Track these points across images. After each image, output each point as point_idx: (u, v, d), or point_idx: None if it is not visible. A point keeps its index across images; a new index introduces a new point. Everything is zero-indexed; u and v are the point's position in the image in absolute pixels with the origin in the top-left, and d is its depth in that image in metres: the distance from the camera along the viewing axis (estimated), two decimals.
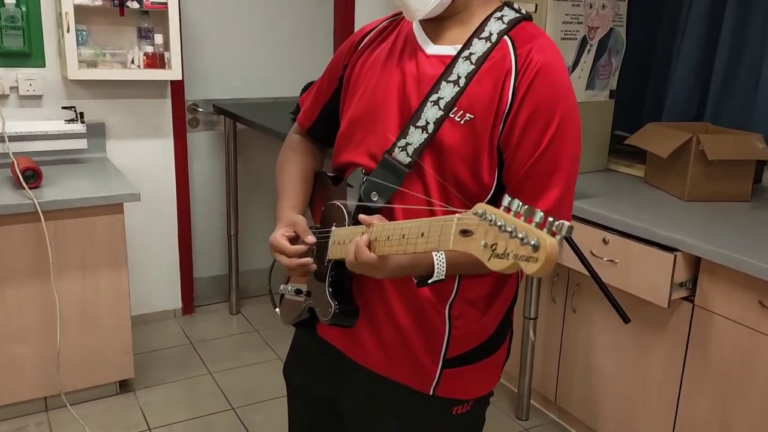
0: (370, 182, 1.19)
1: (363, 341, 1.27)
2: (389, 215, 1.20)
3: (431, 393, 1.26)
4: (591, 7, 2.56)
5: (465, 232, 0.80)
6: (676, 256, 2.00)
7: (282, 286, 1.38)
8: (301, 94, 3.05)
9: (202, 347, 3.16)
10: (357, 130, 1.27)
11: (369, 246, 1.03)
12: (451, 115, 1.14)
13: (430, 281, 1.05)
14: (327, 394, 1.38)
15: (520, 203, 0.76)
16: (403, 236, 0.93)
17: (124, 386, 2.77)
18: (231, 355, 3.10)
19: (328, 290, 1.21)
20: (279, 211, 1.36)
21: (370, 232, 1.04)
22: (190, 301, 3.46)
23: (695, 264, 2.03)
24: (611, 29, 2.64)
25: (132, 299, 2.72)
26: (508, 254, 0.72)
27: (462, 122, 1.14)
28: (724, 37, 2.59)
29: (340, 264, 1.20)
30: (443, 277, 1.07)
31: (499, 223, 0.74)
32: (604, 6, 2.60)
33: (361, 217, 1.07)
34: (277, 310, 1.48)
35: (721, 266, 1.92)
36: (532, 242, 0.69)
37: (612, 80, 2.70)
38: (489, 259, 0.74)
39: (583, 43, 2.56)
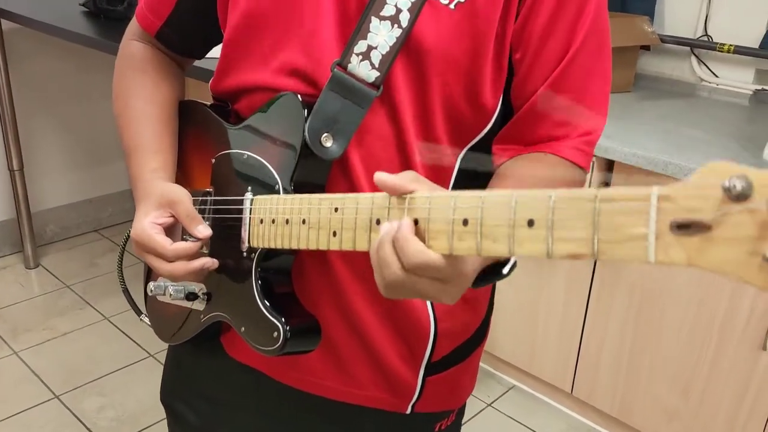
0: (316, 116, 0.72)
1: (306, 359, 0.84)
2: (344, 173, 0.76)
3: (409, 411, 0.88)
4: None
5: (687, 227, 0.39)
6: (593, 162, 1.76)
7: (151, 285, 0.85)
8: None
9: None
10: (262, 30, 0.78)
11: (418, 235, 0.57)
12: None
13: (507, 269, 0.64)
14: None
15: None
16: (530, 223, 0.48)
17: None
18: (38, 324, 2.44)
19: (263, 303, 0.74)
20: (138, 177, 0.83)
21: (409, 204, 0.57)
22: None
23: (607, 167, 1.82)
24: None
25: None
26: None
27: (452, 5, 0.72)
28: None
29: (270, 254, 0.76)
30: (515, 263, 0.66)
31: None
32: None
33: (382, 177, 0.59)
34: (145, 318, 0.97)
35: (637, 169, 1.71)
36: None
37: None
38: None
39: None
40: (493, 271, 0.64)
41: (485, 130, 0.78)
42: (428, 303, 0.82)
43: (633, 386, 1.88)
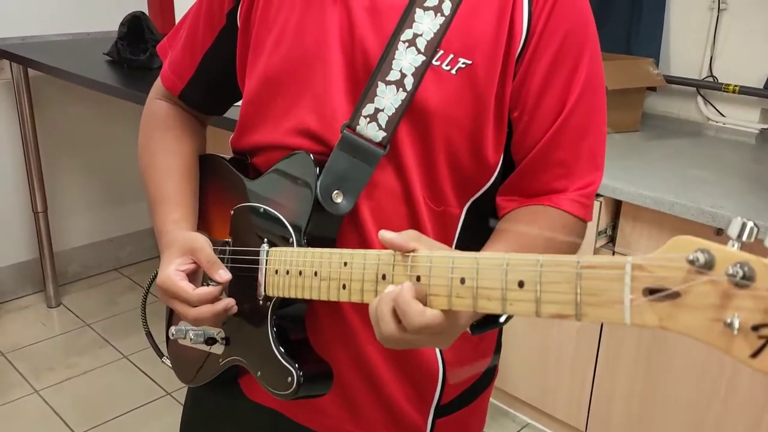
0: (327, 174, 0.77)
1: (320, 401, 0.88)
2: (355, 226, 0.80)
3: None
4: None
5: (657, 292, 0.43)
6: (601, 202, 1.80)
7: (173, 329, 0.91)
8: (119, 30, 2.42)
9: (17, 357, 2.51)
10: (276, 94, 0.83)
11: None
12: (437, 62, 0.77)
13: (503, 319, 0.68)
14: None
15: None
16: (521, 284, 0.52)
17: None
18: (59, 363, 2.49)
19: (278, 349, 0.78)
20: (161, 228, 0.89)
21: (411, 262, 0.62)
22: None
23: (615, 208, 1.85)
24: None
25: None
26: None
27: (454, 71, 0.77)
28: None
29: (285, 302, 0.80)
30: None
31: None
32: None
33: (385, 236, 0.64)
34: (166, 361, 1.01)
35: (645, 209, 1.74)
36: None
37: None
38: (757, 355, 0.39)
39: None
40: (492, 319, 0.69)
41: (488, 184, 0.82)
42: (437, 349, 0.86)
43: (647, 424, 1.89)
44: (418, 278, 0.61)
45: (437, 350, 0.86)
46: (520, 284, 0.52)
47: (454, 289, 0.58)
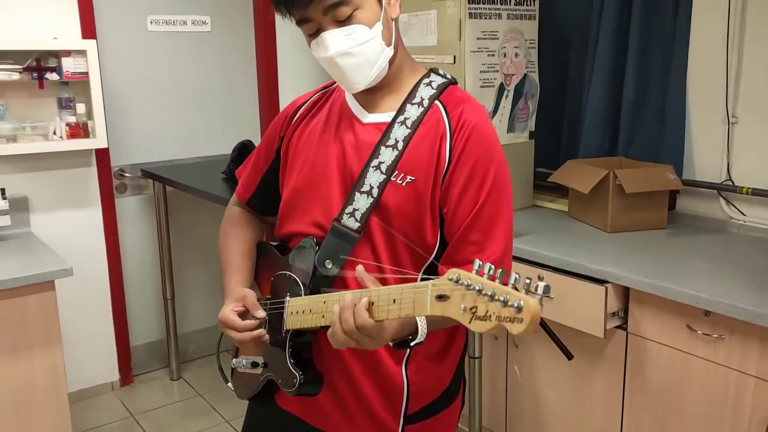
0: (322, 250, 1.22)
1: (323, 407, 1.28)
2: (343, 283, 1.22)
3: None
4: (505, 56, 2.71)
5: (441, 297, 0.85)
6: (606, 288, 2.10)
7: (234, 360, 1.37)
8: (232, 154, 3.07)
9: (143, 419, 3.06)
10: (300, 200, 1.29)
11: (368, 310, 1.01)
12: (393, 178, 1.18)
13: (413, 343, 1.07)
14: None
15: (492, 266, 0.82)
16: (394, 301, 0.95)
17: None
18: (175, 424, 3.01)
19: (290, 361, 1.22)
20: (226, 286, 1.36)
21: (369, 294, 1.01)
22: (128, 371, 3.35)
23: (625, 293, 2.14)
24: (525, 75, 2.80)
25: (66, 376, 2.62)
26: (490, 316, 0.77)
27: (404, 184, 1.18)
28: (628, 77, 2.79)
29: (298, 334, 1.23)
30: (423, 339, 1.09)
31: (477, 287, 0.79)
32: (517, 54, 2.76)
33: (359, 273, 1.04)
34: (230, 384, 1.47)
35: (648, 294, 2.03)
36: (515, 304, 0.75)
37: (530, 122, 2.85)
38: (470, 322, 0.80)
39: (501, 89, 2.70)
40: (406, 343, 1.08)
41: (432, 257, 1.22)
42: (403, 370, 1.25)
43: None
44: (372, 303, 1.00)
45: (403, 370, 1.24)
46: (394, 300, 0.94)
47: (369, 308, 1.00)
